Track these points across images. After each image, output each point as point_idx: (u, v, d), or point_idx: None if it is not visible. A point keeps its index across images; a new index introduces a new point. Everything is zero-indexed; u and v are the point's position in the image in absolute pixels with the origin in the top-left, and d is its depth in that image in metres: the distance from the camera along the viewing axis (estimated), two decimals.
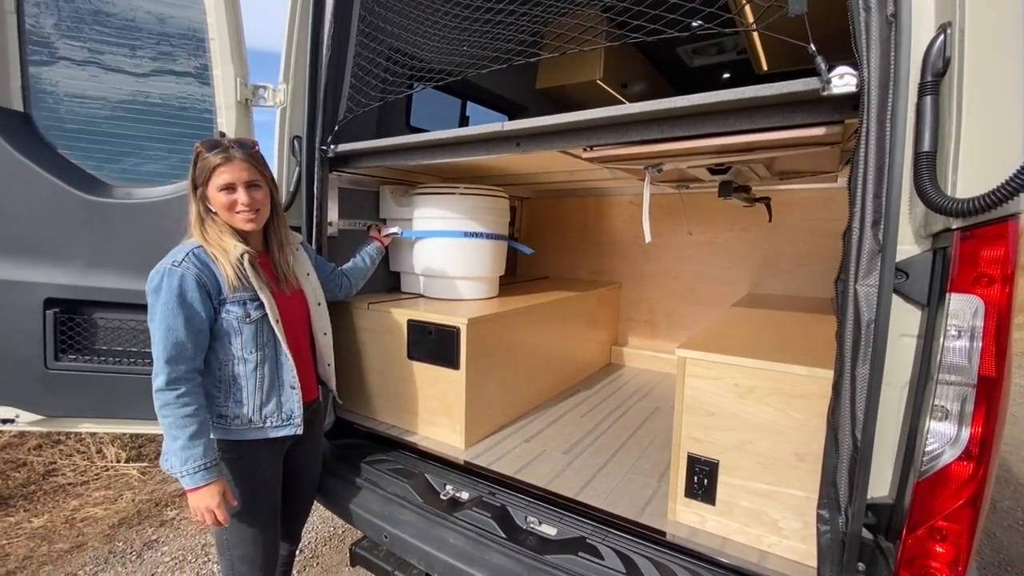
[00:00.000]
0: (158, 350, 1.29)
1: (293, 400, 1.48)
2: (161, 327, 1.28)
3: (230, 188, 1.37)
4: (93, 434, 3.75)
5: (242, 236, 1.43)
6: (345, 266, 1.95)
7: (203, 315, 1.33)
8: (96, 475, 3.47)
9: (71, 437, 3.77)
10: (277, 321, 1.43)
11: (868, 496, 1.02)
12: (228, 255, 1.37)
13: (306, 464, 1.70)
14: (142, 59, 1.86)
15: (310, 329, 1.66)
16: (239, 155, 1.38)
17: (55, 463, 3.54)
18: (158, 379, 1.28)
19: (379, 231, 2.12)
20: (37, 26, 1.80)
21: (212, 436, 1.38)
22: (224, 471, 1.40)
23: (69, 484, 3.34)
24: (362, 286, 2.01)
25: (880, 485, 1.03)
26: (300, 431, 1.49)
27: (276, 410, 1.46)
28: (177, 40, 1.87)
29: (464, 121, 3.24)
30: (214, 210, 1.40)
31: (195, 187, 1.39)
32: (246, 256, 1.39)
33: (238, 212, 1.39)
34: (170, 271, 1.30)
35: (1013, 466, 3.85)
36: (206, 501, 1.30)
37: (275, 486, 1.53)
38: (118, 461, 3.62)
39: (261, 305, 1.41)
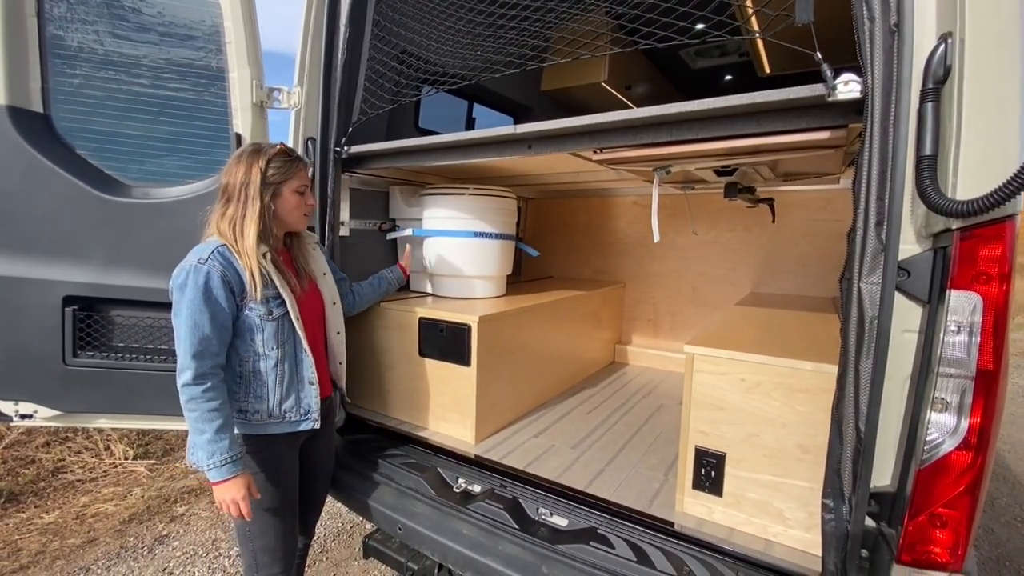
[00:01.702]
0: (184, 346, 1.32)
1: (311, 395, 1.52)
2: (187, 323, 1.32)
3: (303, 190, 1.50)
4: (101, 431, 3.78)
5: (265, 235, 1.44)
6: (359, 283, 1.99)
7: (227, 311, 1.37)
8: (104, 472, 3.51)
9: (79, 434, 3.80)
10: (298, 319, 1.47)
11: (871, 485, 1.06)
12: (253, 255, 1.40)
13: (320, 458, 1.75)
14: (158, 59, 1.90)
15: (324, 327, 1.70)
16: (306, 163, 1.54)
17: (63, 460, 3.58)
18: (184, 374, 1.32)
19: (408, 260, 2.16)
20: (57, 28, 1.84)
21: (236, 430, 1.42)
22: (248, 464, 1.44)
23: (78, 481, 3.37)
24: (365, 308, 2.03)
25: (883, 474, 1.07)
26: (317, 425, 1.53)
27: (295, 405, 1.50)
28: (194, 41, 1.91)
29: (471, 123, 3.28)
30: (273, 208, 1.45)
31: (265, 184, 1.42)
32: (268, 255, 1.43)
33: (306, 213, 1.53)
34: (196, 268, 1.34)
35: (1012, 464, 3.90)
36: (232, 494, 1.34)
37: (293, 478, 1.58)
38: (126, 458, 3.65)
39: (283, 303, 1.45)
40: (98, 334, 1.93)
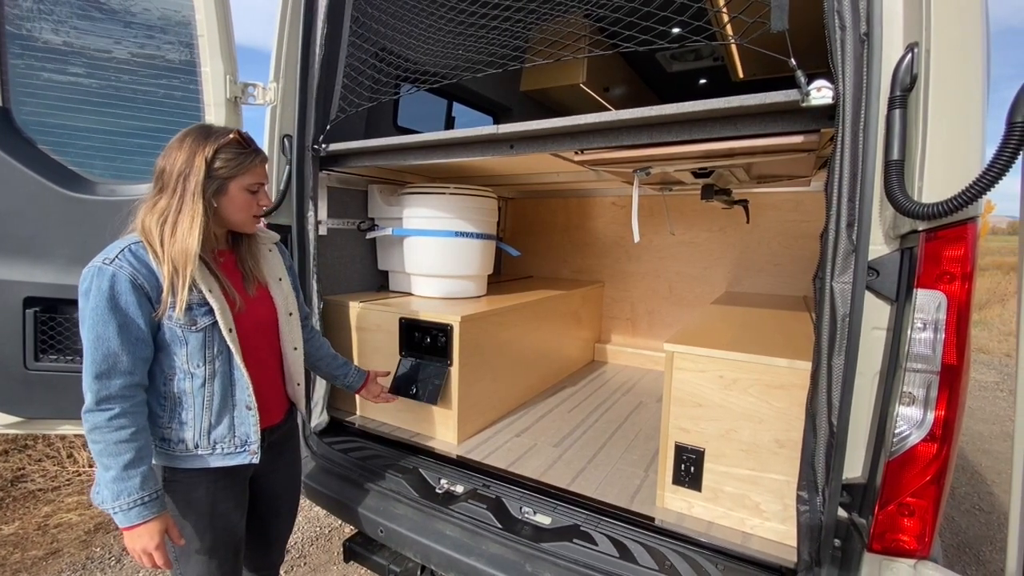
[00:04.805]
0: (87, 363, 1.10)
1: (248, 423, 1.28)
2: (90, 336, 1.10)
3: (255, 188, 1.28)
4: (63, 438, 3.63)
5: (204, 237, 1.20)
6: (325, 344, 1.72)
7: (140, 322, 1.13)
8: (68, 480, 3.37)
9: (40, 442, 3.64)
10: (230, 330, 1.24)
11: (843, 477, 1.10)
12: (181, 258, 1.17)
13: (280, 493, 1.53)
14: (128, 52, 1.83)
15: (279, 342, 1.46)
16: (264, 156, 1.32)
17: (23, 469, 3.42)
18: (87, 397, 1.10)
19: (381, 393, 1.80)
20: (17, 18, 1.75)
21: (155, 463, 1.22)
22: (170, 504, 1.23)
23: (39, 490, 3.22)
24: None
25: (854, 466, 1.11)
26: (255, 460, 1.30)
27: (228, 434, 1.27)
28: (164, 33, 1.85)
29: (450, 122, 3.26)
30: (215, 206, 1.23)
31: (210, 178, 1.19)
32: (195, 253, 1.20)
33: (256, 215, 1.31)
34: (100, 270, 1.11)
35: (970, 455, 4.09)
36: (143, 542, 1.11)
37: (234, 520, 1.35)
38: (90, 466, 3.51)
39: (211, 311, 1.21)
40: (61, 337, 1.85)
